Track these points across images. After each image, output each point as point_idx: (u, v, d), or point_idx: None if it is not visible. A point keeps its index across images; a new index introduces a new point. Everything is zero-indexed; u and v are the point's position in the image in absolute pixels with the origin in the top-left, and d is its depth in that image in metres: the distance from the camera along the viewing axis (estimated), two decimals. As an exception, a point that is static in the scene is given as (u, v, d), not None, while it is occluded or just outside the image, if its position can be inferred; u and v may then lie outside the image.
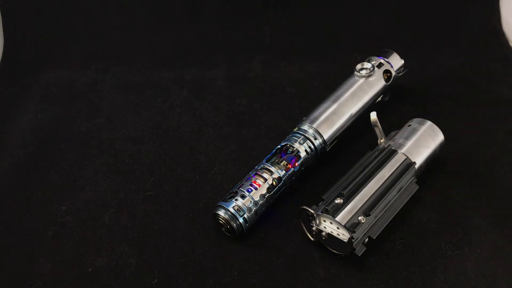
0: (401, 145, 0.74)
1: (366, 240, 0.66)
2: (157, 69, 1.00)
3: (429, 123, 0.77)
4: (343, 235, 0.65)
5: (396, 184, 0.69)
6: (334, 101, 0.80)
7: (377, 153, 0.74)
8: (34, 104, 0.93)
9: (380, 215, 0.68)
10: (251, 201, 0.70)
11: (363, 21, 1.08)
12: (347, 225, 0.64)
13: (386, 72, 0.84)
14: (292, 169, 0.74)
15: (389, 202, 0.69)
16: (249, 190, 0.70)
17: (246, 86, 0.95)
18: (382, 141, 0.76)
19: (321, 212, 0.66)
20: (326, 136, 0.77)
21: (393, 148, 0.73)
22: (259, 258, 0.69)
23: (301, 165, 0.75)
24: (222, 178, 0.79)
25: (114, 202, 0.76)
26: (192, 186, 0.78)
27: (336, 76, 0.87)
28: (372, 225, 0.67)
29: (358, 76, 0.82)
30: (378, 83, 0.83)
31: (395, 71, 0.85)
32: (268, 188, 0.71)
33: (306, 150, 0.75)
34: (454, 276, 0.66)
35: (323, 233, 0.67)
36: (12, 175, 0.81)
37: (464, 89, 0.93)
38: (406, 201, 0.71)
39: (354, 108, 0.80)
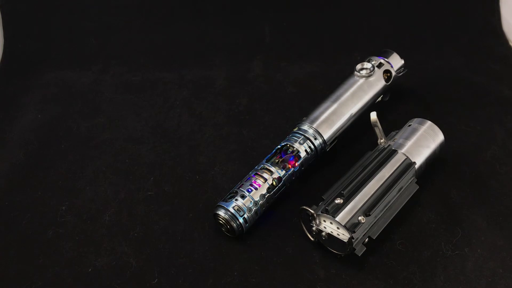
0: (401, 145, 0.74)
1: (366, 240, 0.66)
2: (157, 69, 1.00)
3: (429, 123, 0.77)
4: (343, 235, 0.65)
5: (396, 184, 0.69)
6: (334, 101, 0.80)
7: (377, 153, 0.74)
8: (34, 104, 0.93)
9: (380, 215, 0.68)
10: (251, 201, 0.70)
11: (363, 21, 1.08)
12: (347, 225, 0.64)
13: (386, 72, 0.84)
14: (292, 169, 0.74)
15: (389, 202, 0.69)
16: (249, 190, 0.70)
17: (246, 86, 0.95)
18: (382, 141, 0.76)
19: (321, 212, 0.66)
20: (326, 136, 0.77)
21: (393, 148, 0.73)
22: (259, 258, 0.69)
23: (301, 165, 0.75)
24: (222, 178, 0.79)
25: (114, 202, 0.76)
26: (192, 186, 0.78)
27: (336, 76, 0.87)
28: (372, 225, 0.67)
29: (358, 76, 0.82)
30: (378, 83, 0.83)
31: (395, 71, 0.85)
32: (268, 188, 0.71)
33: (306, 150, 0.75)
34: (454, 276, 0.66)
35: (323, 233, 0.67)
36: (12, 175, 0.81)
37: (464, 89, 0.93)
38: (406, 201, 0.71)
39: (354, 108, 0.80)
